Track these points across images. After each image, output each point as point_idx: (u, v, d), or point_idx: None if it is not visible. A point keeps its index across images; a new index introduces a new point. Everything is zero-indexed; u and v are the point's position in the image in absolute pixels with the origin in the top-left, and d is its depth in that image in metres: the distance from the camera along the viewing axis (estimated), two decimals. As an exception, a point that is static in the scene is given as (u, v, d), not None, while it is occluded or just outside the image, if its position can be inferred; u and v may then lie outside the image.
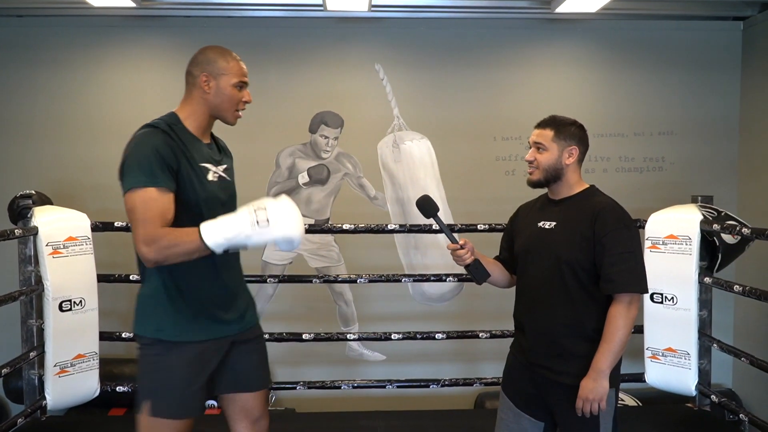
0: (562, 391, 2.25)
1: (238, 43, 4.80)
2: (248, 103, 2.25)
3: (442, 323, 4.60)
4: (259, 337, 2.38)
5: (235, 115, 2.23)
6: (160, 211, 2.00)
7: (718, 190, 4.39)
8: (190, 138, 2.17)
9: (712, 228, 3.56)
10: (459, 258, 2.34)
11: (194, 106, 2.21)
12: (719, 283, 3.59)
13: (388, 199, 4.92)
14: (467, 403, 4.76)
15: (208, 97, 2.18)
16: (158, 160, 2.03)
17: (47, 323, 3.53)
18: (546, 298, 2.29)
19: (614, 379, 2.25)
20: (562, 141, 2.31)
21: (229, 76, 2.17)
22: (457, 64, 4.92)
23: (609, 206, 2.26)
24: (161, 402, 2.13)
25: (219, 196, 2.19)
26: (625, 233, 2.20)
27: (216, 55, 2.20)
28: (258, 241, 1.98)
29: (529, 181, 2.37)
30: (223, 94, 2.18)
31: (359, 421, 3.90)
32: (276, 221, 1.96)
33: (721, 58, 5.00)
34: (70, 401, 3.71)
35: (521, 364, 2.38)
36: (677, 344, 3.73)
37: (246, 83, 2.23)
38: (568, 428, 2.27)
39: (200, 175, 2.13)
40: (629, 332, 2.18)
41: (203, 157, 2.17)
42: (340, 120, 4.89)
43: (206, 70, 2.18)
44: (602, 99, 4.98)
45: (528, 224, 2.41)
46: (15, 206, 3.66)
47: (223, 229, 1.96)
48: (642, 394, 4.53)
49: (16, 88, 4.73)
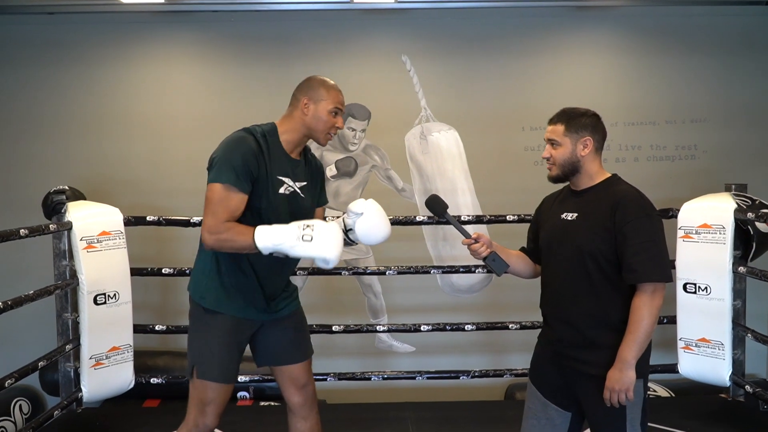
0: (589, 381, 2.24)
1: (264, 36, 4.85)
2: (340, 129, 2.51)
3: (471, 314, 4.59)
4: (291, 317, 2.60)
5: (326, 138, 2.47)
6: (230, 209, 2.29)
7: (752, 178, 4.31)
8: (278, 150, 2.42)
9: (746, 216, 3.51)
10: (474, 252, 2.37)
11: (293, 124, 2.46)
12: (754, 272, 3.54)
13: (416, 191, 4.92)
14: (497, 394, 4.75)
15: (306, 119, 2.44)
16: (243, 164, 2.29)
17: (82, 316, 3.59)
18: (570, 289, 2.28)
19: (642, 370, 2.23)
20: (574, 134, 2.29)
21: (327, 102, 2.43)
22: (484, 54, 4.88)
23: (629, 195, 2.23)
24: (206, 366, 2.42)
25: (284, 207, 2.42)
26: (646, 222, 2.18)
27: (319, 84, 2.46)
28: (298, 253, 2.24)
29: (549, 177, 2.37)
30: (319, 117, 2.43)
31: (389, 412, 3.92)
32: (318, 240, 2.21)
33: (753, 43, 4.90)
34: (105, 393, 3.78)
35: (548, 355, 2.38)
36: (711, 335, 3.69)
37: (341, 110, 2.47)
38: (595, 418, 2.27)
39: (273, 185, 2.38)
40: (654, 322, 2.16)
41: (283, 171, 2.42)
42: (367, 112, 4.89)
43: (308, 94, 2.45)
44: (632, 87, 4.91)
45: (551, 216, 2.40)
46: (49, 202, 3.73)
47: (274, 235, 2.23)
48: (675, 385, 4.48)
49: (48, 86, 4.80)
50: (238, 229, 2.27)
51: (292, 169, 2.46)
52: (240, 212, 2.31)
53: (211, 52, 4.84)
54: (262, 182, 2.35)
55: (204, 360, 2.43)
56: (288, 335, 2.57)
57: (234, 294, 2.43)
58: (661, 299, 2.17)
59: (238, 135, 2.38)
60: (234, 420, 3.78)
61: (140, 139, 4.83)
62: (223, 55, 4.84)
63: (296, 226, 2.23)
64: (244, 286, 2.43)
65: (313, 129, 2.44)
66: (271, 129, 2.45)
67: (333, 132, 2.47)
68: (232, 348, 2.46)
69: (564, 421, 2.35)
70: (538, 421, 2.38)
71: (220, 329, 2.43)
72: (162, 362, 4.49)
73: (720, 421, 3.64)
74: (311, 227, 2.23)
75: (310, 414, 2.61)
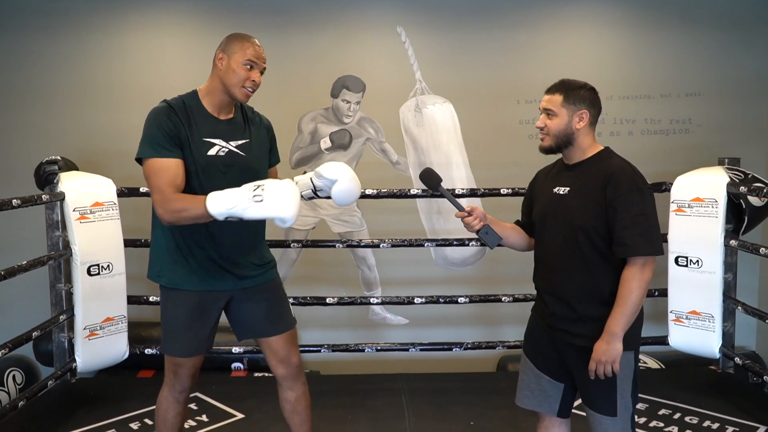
0: (580, 353, 2.26)
1: (259, 7, 4.79)
2: (256, 83, 2.41)
3: (464, 287, 4.61)
4: (264, 288, 2.57)
5: (242, 92, 2.39)
6: (170, 178, 2.28)
7: (745, 152, 4.32)
8: (201, 114, 2.41)
9: (739, 190, 3.52)
10: (468, 225, 2.37)
11: (212, 83, 2.44)
12: (745, 245, 3.56)
13: (411, 164, 4.91)
14: (490, 365, 4.79)
15: (220, 73, 2.40)
16: (163, 134, 2.31)
17: (76, 287, 3.60)
18: (562, 263, 2.28)
19: (633, 342, 2.25)
20: (571, 105, 2.27)
21: (239, 54, 2.37)
22: (480, 27, 4.85)
23: (621, 168, 2.22)
24: (169, 342, 2.48)
25: (220, 168, 2.39)
26: (637, 195, 2.17)
27: (234, 38, 2.42)
28: (253, 215, 2.17)
29: (541, 147, 2.35)
30: (232, 70, 2.37)
31: (383, 383, 3.96)
32: (270, 200, 2.15)
33: (750, 16, 4.88)
34: (99, 363, 3.80)
35: (541, 327, 2.40)
36: (701, 307, 3.72)
37: (257, 64, 2.39)
38: (586, 390, 2.29)
39: (200, 148, 2.36)
40: (643, 295, 2.17)
41: (210, 132, 2.40)
42: (362, 84, 4.86)
43: (223, 49, 2.41)
44: (628, 60, 4.89)
45: (544, 190, 2.39)
46: (41, 172, 3.71)
47: (225, 200, 2.18)
48: (666, 357, 4.53)
49: (39, 55, 4.75)
50: (189, 199, 2.26)
51: (224, 130, 2.43)
52: (181, 178, 2.30)
53: (206, 22, 4.78)
54: (187, 147, 2.34)
55: (167, 336, 2.48)
56: (262, 307, 2.56)
57: (194, 267, 2.42)
58: (650, 273, 2.17)
59: (154, 108, 2.39)
60: (228, 390, 3.81)
61: (134, 109, 4.73)
62: (217, 26, 4.78)
63: (246, 188, 2.18)
64: (203, 257, 2.42)
65: (227, 83, 2.38)
66: (191, 94, 2.45)
67: (249, 86, 2.39)
68: (195, 323, 2.46)
69: (557, 393, 2.37)
70: (531, 392, 2.41)
71: (182, 306, 2.44)
72: (156, 333, 4.49)
73: (710, 392, 3.69)
74: (261, 187, 2.17)
75: (295, 384, 2.63)
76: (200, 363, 2.55)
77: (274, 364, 2.60)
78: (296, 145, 4.86)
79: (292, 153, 4.85)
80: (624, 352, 2.20)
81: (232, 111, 2.48)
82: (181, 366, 2.49)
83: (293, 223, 2.21)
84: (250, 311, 2.55)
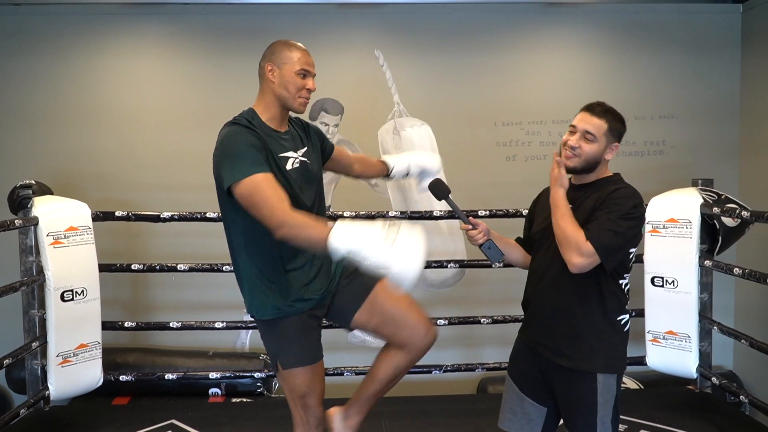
0: (562, 374, 2.26)
1: (236, 29, 4.80)
2: (312, 91, 2.35)
3: (444, 309, 4.60)
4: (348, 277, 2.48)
5: (299, 102, 2.33)
6: (278, 193, 2.13)
7: (718, 173, 4.39)
8: (268, 131, 2.31)
9: (713, 211, 3.56)
10: (472, 238, 2.38)
11: (266, 97, 2.35)
12: (720, 266, 3.60)
13: (389, 186, 4.91)
14: (470, 388, 4.78)
15: (273, 86, 2.32)
16: (253, 151, 2.17)
17: (49, 313, 3.54)
18: (552, 279, 2.29)
19: (616, 366, 2.26)
20: (611, 136, 2.27)
21: (291, 64, 2.31)
22: (457, 50, 4.89)
23: (621, 192, 2.24)
24: (286, 356, 2.36)
25: (300, 181, 2.32)
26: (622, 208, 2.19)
27: (281, 46, 2.35)
28: (376, 260, 1.94)
29: (568, 167, 2.29)
30: (286, 81, 2.30)
31: (362, 407, 3.91)
32: (401, 248, 1.92)
33: (721, 41, 4.98)
34: (73, 391, 3.73)
35: (527, 347, 2.40)
36: (678, 327, 3.74)
37: (309, 72, 2.34)
38: (567, 412, 2.29)
39: (281, 165, 2.26)
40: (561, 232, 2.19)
41: (282, 147, 2.31)
42: (340, 107, 4.88)
43: (271, 60, 2.34)
44: (602, 83, 4.96)
45: (546, 207, 2.39)
46: (15, 196, 3.66)
47: (354, 236, 1.97)
48: (643, 377, 4.55)
49: (14, 77, 4.71)
50: (311, 219, 2.12)
51: (290, 142, 2.36)
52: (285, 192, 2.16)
53: (182, 45, 4.78)
54: (270, 166, 2.21)
55: (284, 351, 2.37)
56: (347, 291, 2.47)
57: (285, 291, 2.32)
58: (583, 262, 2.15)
59: (227, 129, 2.27)
60: (205, 416, 3.75)
61: (109, 132, 4.75)
62: (193, 49, 4.78)
63: (380, 226, 1.97)
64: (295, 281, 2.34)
65: (283, 96, 2.31)
66: (251, 113, 2.35)
67: (305, 95, 2.33)
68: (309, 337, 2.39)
69: (539, 416, 2.36)
70: (514, 415, 2.40)
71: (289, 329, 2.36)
72: (132, 359, 4.44)
73: (688, 412, 3.70)
74: (396, 227, 1.95)
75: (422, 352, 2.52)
76: (324, 387, 2.47)
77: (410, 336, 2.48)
78: (274, 167, 4.84)
79: (270, 176, 4.83)
80: (606, 375, 2.22)
81: (286, 123, 2.42)
82: (308, 395, 2.39)
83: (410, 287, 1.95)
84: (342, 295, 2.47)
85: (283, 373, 2.39)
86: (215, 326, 4.03)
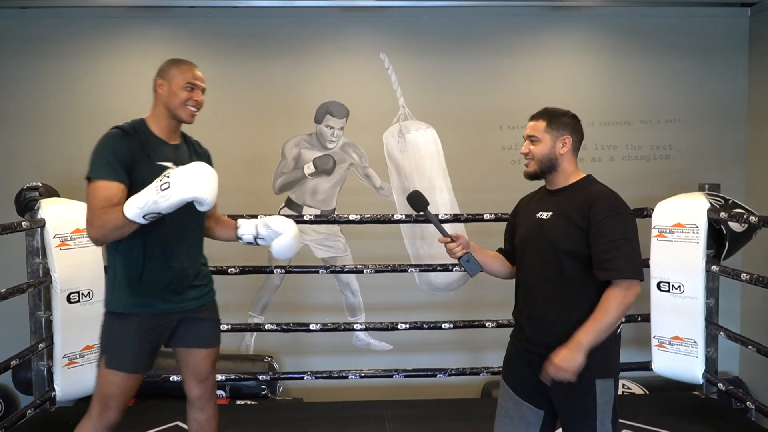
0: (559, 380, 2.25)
1: (241, 33, 4.81)
2: (199, 102, 2.52)
3: (448, 313, 4.60)
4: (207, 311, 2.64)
5: (186, 111, 2.49)
6: (103, 199, 2.30)
7: (725, 178, 4.37)
8: (153, 140, 2.47)
9: (720, 216, 3.55)
10: (450, 251, 2.37)
11: (156, 109, 2.52)
12: (726, 271, 3.59)
13: (394, 189, 4.92)
14: (474, 392, 4.77)
15: (162, 99, 2.50)
16: (112, 157, 2.34)
17: (56, 315, 3.55)
18: (543, 287, 2.29)
19: (613, 371, 2.27)
20: (554, 131, 2.32)
21: (179, 78, 2.48)
22: (463, 53, 4.90)
23: (603, 194, 2.25)
24: (115, 357, 2.43)
25: None
26: (617, 220, 2.19)
27: (170, 63, 2.53)
28: (166, 204, 2.18)
29: (526, 173, 2.38)
30: (174, 94, 2.47)
31: (367, 410, 3.92)
32: (177, 185, 2.17)
33: (729, 45, 4.97)
34: (79, 392, 3.73)
35: (521, 353, 2.39)
36: (684, 332, 3.73)
37: (196, 85, 2.50)
38: (566, 416, 2.28)
39: (155, 173, 2.31)
40: (620, 317, 2.17)
41: (163, 156, 2.46)
42: (346, 110, 4.88)
43: (161, 75, 2.52)
44: (608, 87, 4.95)
45: (527, 216, 2.41)
46: (22, 198, 3.68)
47: (135, 200, 2.21)
48: (649, 383, 4.53)
49: (21, 80, 4.74)
50: (108, 211, 2.27)
51: (173, 154, 2.49)
52: (117, 201, 2.30)
53: (188, 48, 4.79)
54: (142, 170, 2.36)
55: (114, 351, 2.44)
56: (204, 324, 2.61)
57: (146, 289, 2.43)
58: (633, 298, 2.17)
59: (108, 132, 2.44)
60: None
61: (115, 135, 4.76)
62: (199, 52, 4.79)
63: (154, 182, 2.21)
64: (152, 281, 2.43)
65: (171, 107, 2.47)
66: (140, 121, 2.51)
67: (192, 105, 2.49)
68: (147, 345, 2.47)
69: (537, 419, 2.36)
70: (511, 420, 2.39)
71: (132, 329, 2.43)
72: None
73: (693, 418, 3.68)
74: (166, 175, 2.19)
75: (207, 405, 2.69)
76: (132, 394, 2.50)
77: (191, 383, 2.64)
78: (280, 170, 4.85)
79: (275, 178, 4.84)
80: (604, 380, 2.22)
81: (178, 137, 2.58)
82: (113, 397, 2.42)
83: (211, 200, 2.22)
84: (197, 325, 2.59)
85: (103, 369, 2.44)
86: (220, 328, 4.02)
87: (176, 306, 2.52)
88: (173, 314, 2.52)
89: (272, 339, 4.84)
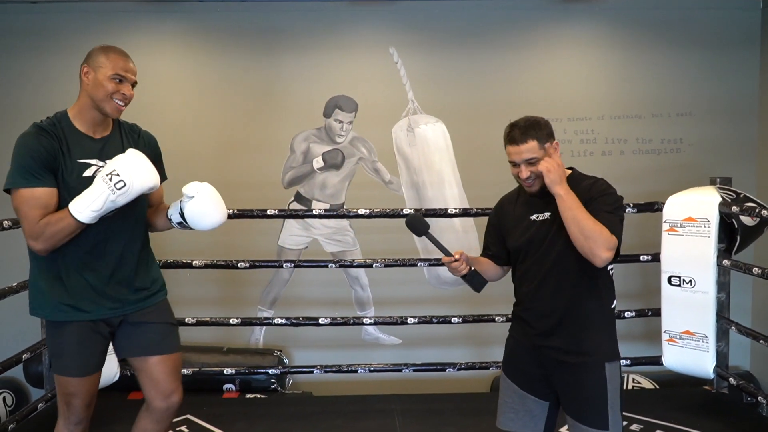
0: (568, 370, 2.28)
1: (251, 27, 4.81)
2: (127, 96, 2.32)
3: (457, 307, 4.60)
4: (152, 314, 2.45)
5: (112, 105, 2.29)
6: (41, 207, 2.17)
7: (736, 172, 4.34)
8: (74, 135, 2.29)
9: (731, 210, 3.53)
10: (454, 270, 2.38)
11: (81, 100, 2.33)
12: (738, 265, 3.57)
13: (403, 184, 4.91)
14: (483, 386, 4.77)
15: (87, 89, 2.30)
16: (34, 161, 2.18)
17: (66, 308, 3.55)
18: (551, 284, 2.30)
19: (615, 352, 2.31)
20: (544, 143, 2.32)
21: (106, 67, 2.28)
22: (472, 47, 4.88)
23: (597, 181, 2.31)
24: (59, 363, 2.33)
25: None
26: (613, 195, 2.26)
27: (98, 51, 2.33)
28: (124, 201, 2.15)
29: (533, 193, 2.36)
30: (99, 84, 2.27)
31: (376, 404, 3.93)
32: (131, 180, 2.12)
33: (740, 38, 4.93)
34: (89, 385, 3.75)
35: (524, 347, 2.41)
36: (695, 327, 3.71)
37: (125, 78, 2.31)
38: (576, 404, 2.29)
39: (76, 170, 2.24)
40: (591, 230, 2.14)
41: (84, 153, 2.28)
42: (355, 104, 4.87)
43: (87, 62, 2.31)
44: (619, 80, 4.92)
45: (519, 220, 2.41)
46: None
47: (89, 204, 2.12)
48: (659, 377, 4.52)
49: (28, 77, 4.75)
50: (53, 220, 2.15)
51: (100, 149, 2.31)
52: (54, 207, 2.19)
53: (198, 43, 4.80)
54: (62, 168, 2.22)
55: (58, 357, 2.33)
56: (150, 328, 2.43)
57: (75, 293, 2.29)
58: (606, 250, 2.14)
59: (24, 133, 2.27)
60: (220, 413, 3.77)
61: (125, 130, 4.77)
62: (209, 46, 4.80)
63: (102, 182, 2.12)
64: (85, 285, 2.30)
65: (96, 98, 2.27)
66: (62, 114, 2.33)
67: (118, 99, 2.29)
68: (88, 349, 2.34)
69: (542, 411, 2.38)
70: (516, 414, 2.40)
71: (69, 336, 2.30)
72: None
73: (704, 413, 3.67)
74: (114, 172, 2.11)
75: (166, 421, 2.50)
76: (95, 391, 2.41)
77: (153, 396, 2.44)
78: (288, 164, 4.85)
79: (284, 173, 4.84)
80: (612, 363, 2.28)
81: (108, 128, 2.38)
82: (74, 392, 2.33)
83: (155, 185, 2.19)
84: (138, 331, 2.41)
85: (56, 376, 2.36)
86: (230, 322, 4.05)
87: (112, 312, 2.35)
88: (111, 319, 2.37)
89: (281, 333, 4.85)
